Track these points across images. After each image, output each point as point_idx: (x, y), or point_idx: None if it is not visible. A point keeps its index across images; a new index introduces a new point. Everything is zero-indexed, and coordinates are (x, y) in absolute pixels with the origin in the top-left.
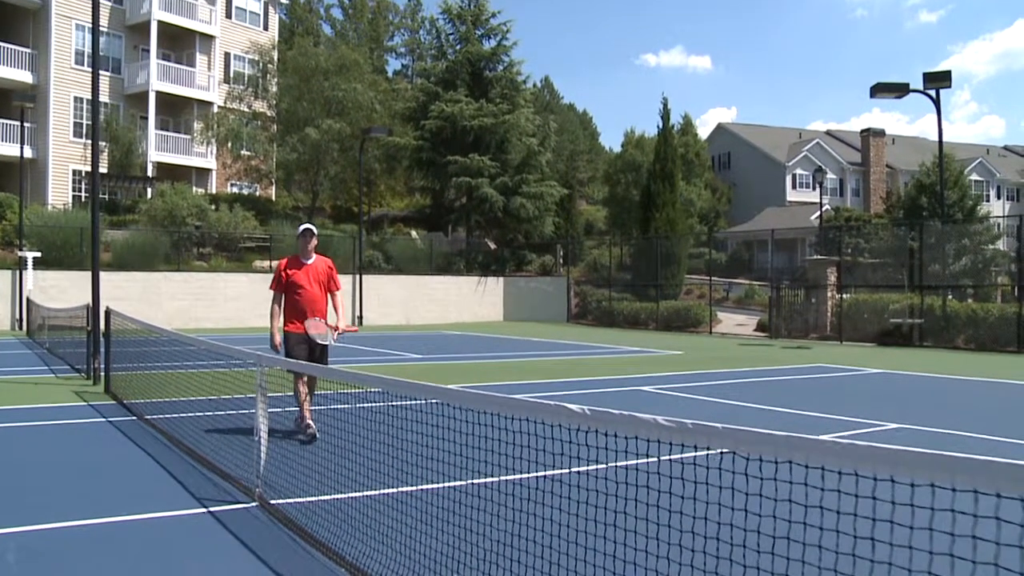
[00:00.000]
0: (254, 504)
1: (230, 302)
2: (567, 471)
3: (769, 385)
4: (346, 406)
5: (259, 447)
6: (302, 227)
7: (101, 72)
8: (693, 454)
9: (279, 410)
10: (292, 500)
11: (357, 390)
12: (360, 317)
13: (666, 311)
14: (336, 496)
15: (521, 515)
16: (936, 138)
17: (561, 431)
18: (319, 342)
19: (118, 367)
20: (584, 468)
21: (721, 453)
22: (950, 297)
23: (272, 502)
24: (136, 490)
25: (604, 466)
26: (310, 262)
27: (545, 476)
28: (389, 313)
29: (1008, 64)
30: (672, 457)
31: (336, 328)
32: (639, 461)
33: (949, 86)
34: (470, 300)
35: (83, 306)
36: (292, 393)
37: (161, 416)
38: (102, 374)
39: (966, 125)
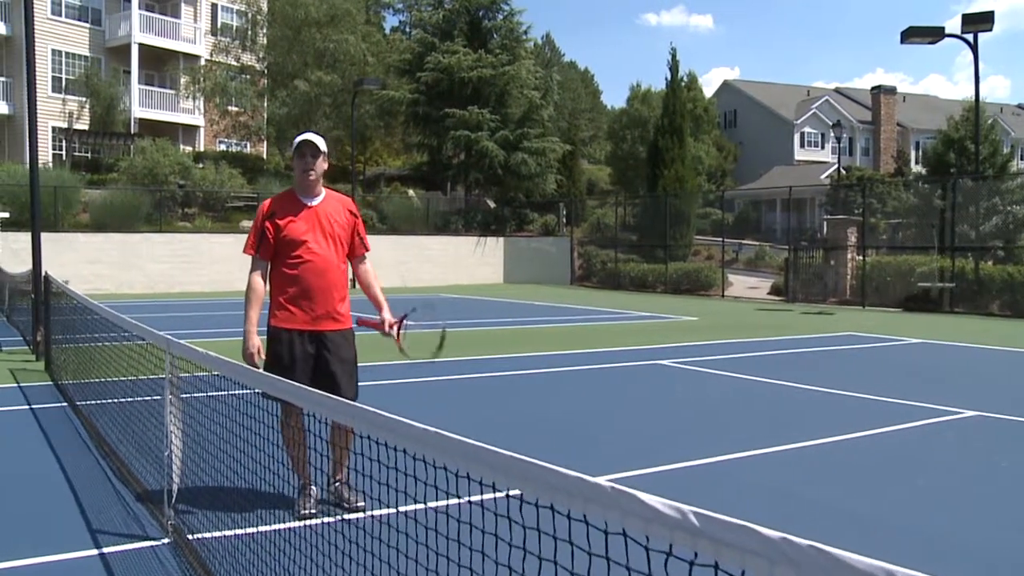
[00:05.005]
0: (165, 541)
1: (216, 264)
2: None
3: (805, 358)
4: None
5: (170, 465)
6: (300, 137)
7: (80, 23)
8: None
9: (197, 396)
10: (218, 534)
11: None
12: (352, 281)
13: (675, 273)
14: (281, 526)
15: None
16: (945, 96)
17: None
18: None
19: (60, 340)
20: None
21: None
22: (989, 261)
23: (190, 538)
24: (17, 520)
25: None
26: (317, 202)
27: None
28: (383, 275)
29: (1014, 23)
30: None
31: (389, 324)
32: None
33: (990, 29)
34: (468, 261)
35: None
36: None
37: (92, 402)
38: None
39: (969, 85)
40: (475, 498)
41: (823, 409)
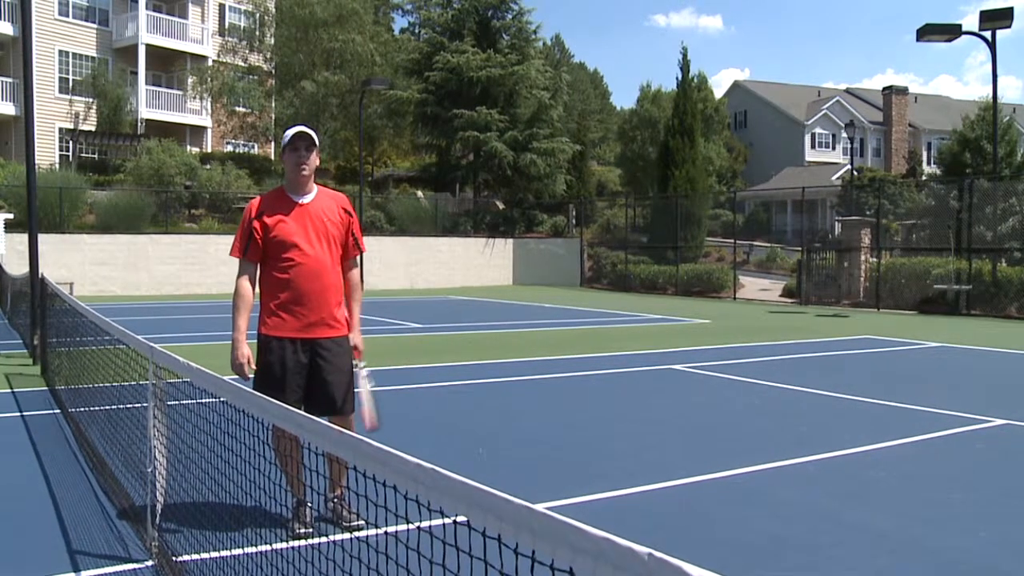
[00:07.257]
0: (148, 564)
1: (223, 266)
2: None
3: (821, 363)
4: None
5: (154, 482)
6: (293, 129)
7: (87, 24)
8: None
9: (186, 403)
10: (206, 556)
11: None
12: (361, 280)
13: (686, 275)
14: (274, 547)
15: None
16: (957, 97)
17: None
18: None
19: (55, 344)
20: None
21: None
22: (1006, 263)
23: (175, 560)
24: None
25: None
26: (308, 200)
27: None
28: (392, 276)
29: None
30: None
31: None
32: None
33: (1009, 25)
34: (477, 262)
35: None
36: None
37: (82, 409)
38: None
39: (980, 86)
40: (457, 517)
41: (847, 417)
